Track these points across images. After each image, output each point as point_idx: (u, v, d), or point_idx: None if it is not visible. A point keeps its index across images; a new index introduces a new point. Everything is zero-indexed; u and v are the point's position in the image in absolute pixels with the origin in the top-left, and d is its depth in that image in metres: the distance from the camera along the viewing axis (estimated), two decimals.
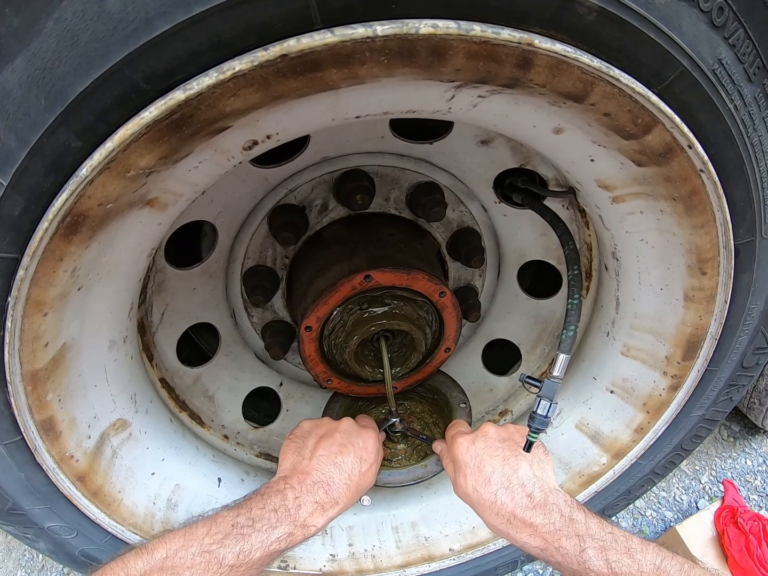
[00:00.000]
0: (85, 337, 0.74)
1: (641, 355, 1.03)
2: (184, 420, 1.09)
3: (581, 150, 0.73)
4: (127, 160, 0.47)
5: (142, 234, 0.65)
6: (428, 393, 1.11)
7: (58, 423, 0.78)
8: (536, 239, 1.11)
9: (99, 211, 0.53)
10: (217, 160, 0.57)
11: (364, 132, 0.93)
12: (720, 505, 1.43)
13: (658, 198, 0.78)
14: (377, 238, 1.00)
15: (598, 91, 0.58)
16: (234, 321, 1.12)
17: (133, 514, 0.95)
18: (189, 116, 0.44)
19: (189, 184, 0.60)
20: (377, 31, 0.40)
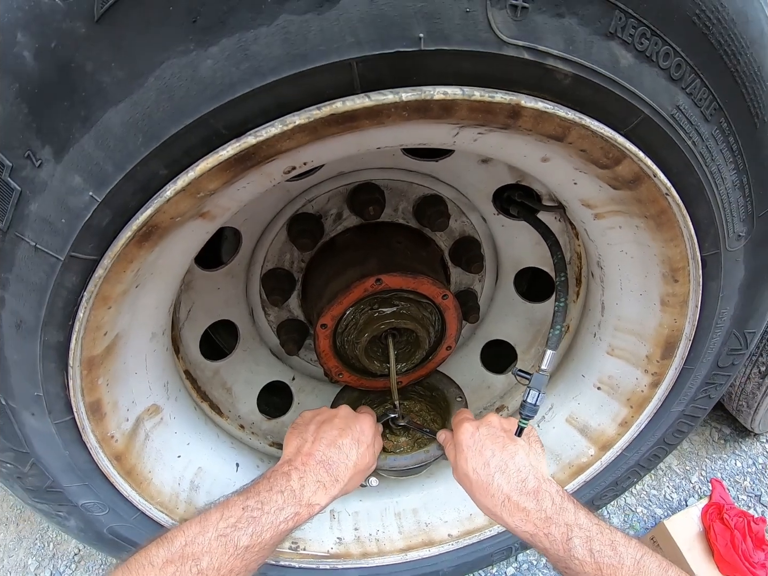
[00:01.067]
0: (133, 329, 0.90)
1: (625, 354, 1.19)
2: (205, 409, 1.25)
3: (565, 175, 0.90)
4: (200, 184, 0.64)
5: (192, 240, 0.81)
6: (426, 391, 1.27)
7: (104, 405, 0.93)
8: (531, 248, 1.27)
9: (169, 223, 0.69)
10: (262, 182, 0.73)
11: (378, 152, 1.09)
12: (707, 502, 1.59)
13: (633, 215, 0.95)
14: (387, 245, 1.16)
15: (575, 134, 0.74)
16: (252, 319, 1.28)
17: (160, 493, 1.10)
18: (252, 153, 0.61)
19: (236, 200, 0.76)
20: (402, 97, 0.56)
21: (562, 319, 1.00)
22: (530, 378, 1.00)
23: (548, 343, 1.00)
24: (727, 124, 0.85)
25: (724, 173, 0.90)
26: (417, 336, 1.13)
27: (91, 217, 0.66)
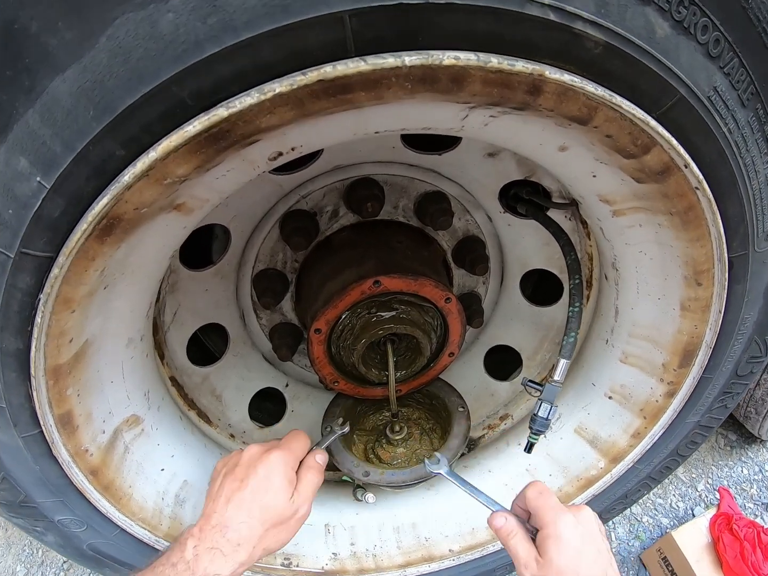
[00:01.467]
0: (106, 334, 0.78)
1: (639, 362, 1.07)
2: (192, 418, 1.13)
3: (584, 166, 0.78)
4: (166, 169, 0.52)
5: (167, 236, 0.69)
6: (425, 399, 1.15)
7: (75, 417, 0.82)
8: (539, 249, 1.16)
9: (133, 215, 0.57)
10: (243, 169, 0.61)
11: (376, 142, 0.97)
12: (715, 512, 1.47)
13: (656, 213, 0.83)
14: (386, 245, 1.04)
15: (601, 116, 0.63)
16: (243, 322, 1.16)
17: (142, 509, 0.98)
18: (227, 130, 0.49)
19: (215, 191, 0.64)
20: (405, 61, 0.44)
21: (577, 325, 0.88)
22: (542, 389, 0.88)
23: (561, 352, 0.88)
24: (763, 111, 0.74)
25: (758, 166, 0.78)
26: (418, 342, 1.01)
27: (41, 206, 0.55)
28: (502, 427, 1.27)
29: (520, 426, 1.24)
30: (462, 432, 1.03)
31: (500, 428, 1.27)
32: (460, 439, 1.01)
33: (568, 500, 1.19)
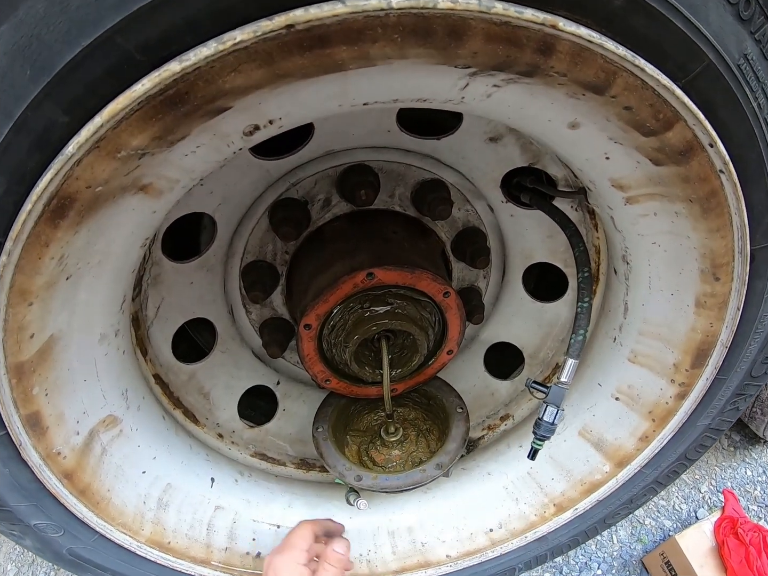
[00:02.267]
0: (74, 330, 0.70)
1: (648, 361, 0.99)
2: (177, 417, 1.05)
3: (597, 147, 0.70)
4: (118, 139, 0.44)
5: (135, 222, 0.61)
6: (423, 399, 1.07)
7: (44, 418, 0.74)
8: (543, 241, 1.07)
9: (88, 195, 0.49)
10: (215, 146, 0.53)
11: (370, 125, 0.89)
12: (720, 515, 1.39)
13: (674, 200, 0.74)
14: (380, 236, 0.96)
15: (621, 82, 0.54)
16: (232, 317, 1.08)
17: (122, 514, 0.91)
18: (185, 92, 0.40)
19: (186, 171, 0.56)
20: (392, 3, 0.36)
21: (587, 322, 0.80)
22: (547, 391, 0.80)
23: (569, 351, 0.80)
24: None
25: None
26: (414, 339, 0.93)
27: None
28: (503, 427, 1.19)
29: (522, 427, 1.16)
30: (460, 434, 0.95)
31: (500, 429, 1.19)
32: (458, 442, 0.94)
33: (572, 505, 1.11)
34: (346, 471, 0.93)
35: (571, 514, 1.11)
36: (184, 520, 0.99)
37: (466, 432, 0.95)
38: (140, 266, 0.93)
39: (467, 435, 0.95)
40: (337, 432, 0.99)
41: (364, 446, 1.03)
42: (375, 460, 1.00)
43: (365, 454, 1.01)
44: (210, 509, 1.01)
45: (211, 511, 1.02)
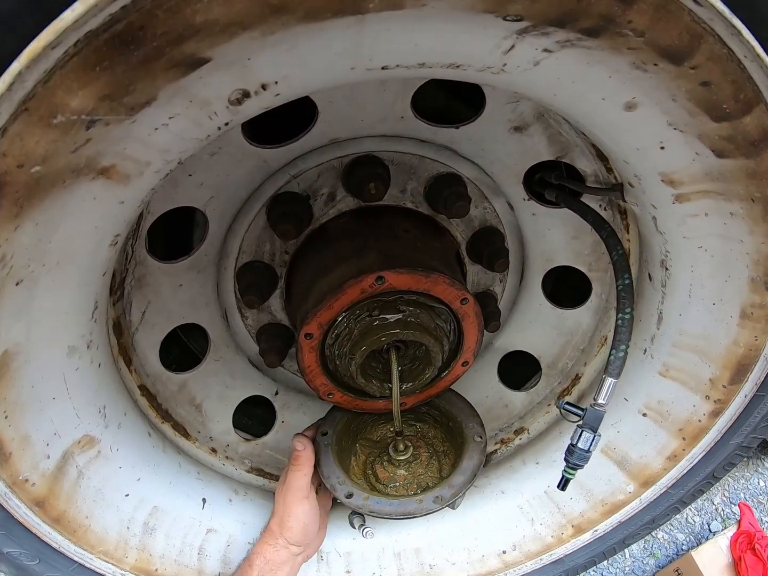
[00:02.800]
0: (35, 342, 0.57)
1: (682, 376, 0.86)
2: (166, 432, 0.92)
3: (653, 134, 0.56)
4: (52, 97, 0.30)
5: (98, 214, 0.47)
6: (443, 418, 0.93)
7: (5, 443, 0.61)
8: (567, 243, 0.94)
9: (23, 177, 0.36)
10: (193, 117, 0.39)
11: (382, 110, 0.75)
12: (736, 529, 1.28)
13: (732, 198, 0.61)
14: (391, 235, 0.82)
15: (705, 50, 0.41)
16: (226, 322, 0.95)
17: (103, 541, 0.78)
18: (139, 26, 0.27)
19: (157, 150, 0.42)
20: None
21: (628, 336, 0.67)
22: (582, 414, 0.67)
23: (608, 369, 0.67)
24: None
25: None
26: (427, 350, 0.80)
27: None
28: (517, 442, 1.07)
29: (538, 442, 1.04)
30: (471, 468, 0.81)
31: (515, 443, 1.06)
32: (467, 476, 0.80)
33: (591, 527, 0.99)
34: (339, 485, 0.80)
35: (590, 535, 0.99)
36: (173, 545, 0.86)
37: (478, 466, 0.82)
38: (122, 267, 0.79)
39: (478, 469, 0.82)
40: (345, 439, 0.86)
41: (371, 459, 0.90)
42: (378, 476, 0.86)
43: (370, 468, 0.88)
44: (201, 532, 0.88)
45: (203, 535, 0.89)
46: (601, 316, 1.00)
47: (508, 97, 0.75)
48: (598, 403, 0.68)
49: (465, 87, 0.80)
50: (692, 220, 0.68)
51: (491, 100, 0.75)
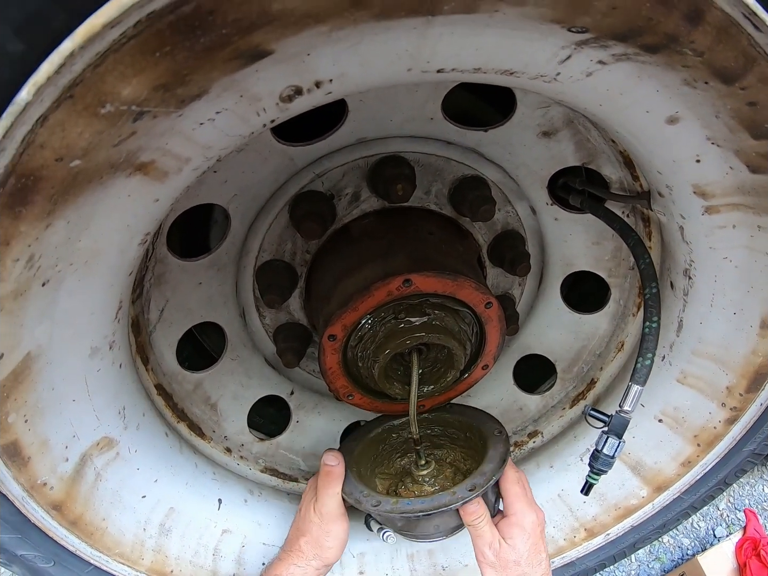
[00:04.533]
0: (58, 344, 0.53)
1: (699, 383, 0.85)
2: (182, 431, 0.89)
3: (690, 147, 0.54)
4: (102, 84, 0.27)
5: (132, 213, 0.44)
6: (459, 433, 0.89)
7: (24, 447, 0.58)
8: (587, 248, 0.92)
9: (61, 172, 0.32)
10: (241, 112, 0.36)
11: (412, 111, 0.72)
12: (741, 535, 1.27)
13: (762, 212, 0.60)
14: (416, 237, 0.80)
15: (757, 72, 0.39)
16: (243, 321, 0.91)
17: (119, 543, 0.75)
18: (209, 11, 0.24)
19: (199, 146, 0.39)
20: None
21: (655, 345, 0.65)
22: (608, 420, 0.65)
23: (635, 377, 0.65)
24: None
25: None
26: (451, 353, 0.78)
27: None
28: (531, 445, 1.05)
29: (552, 446, 1.02)
30: (498, 455, 0.78)
31: (528, 446, 1.05)
32: (495, 463, 0.77)
33: (604, 530, 0.97)
34: (364, 497, 0.76)
35: (603, 539, 0.97)
36: (189, 546, 0.83)
37: (505, 452, 0.79)
38: (142, 264, 0.76)
39: (507, 455, 0.79)
40: (364, 468, 0.83)
41: (392, 488, 0.86)
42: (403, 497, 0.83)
43: (393, 494, 0.84)
44: (217, 533, 0.86)
45: (218, 535, 0.86)
46: (619, 322, 0.98)
47: (539, 102, 0.73)
48: (624, 409, 0.66)
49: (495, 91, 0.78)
50: (720, 231, 0.66)
51: (522, 104, 0.73)
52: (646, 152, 0.60)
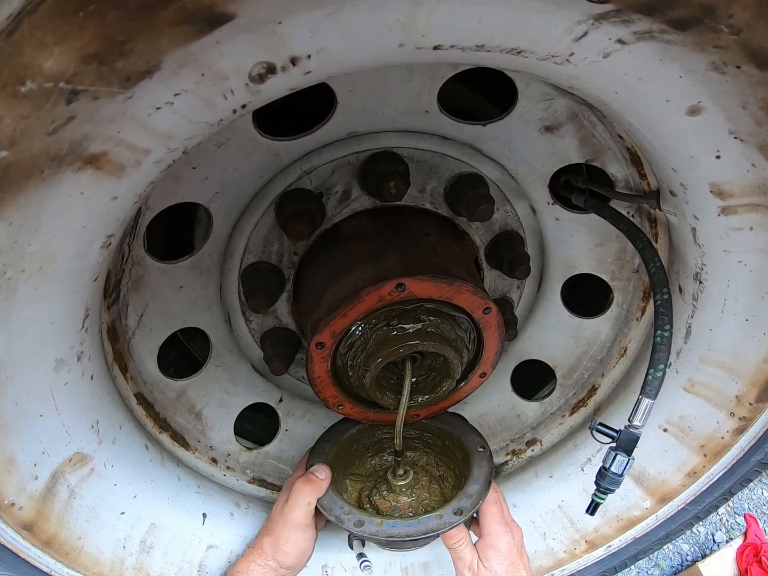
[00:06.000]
0: (17, 358, 0.48)
1: (707, 392, 0.80)
2: (164, 442, 0.83)
3: (711, 141, 0.49)
4: (18, 57, 0.21)
5: (86, 212, 0.38)
6: (436, 439, 0.84)
7: None
8: (590, 249, 0.87)
9: None
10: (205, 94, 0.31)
11: (406, 103, 0.67)
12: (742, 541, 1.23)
13: None
14: (410, 238, 0.74)
15: None
16: (228, 326, 0.86)
17: (97, 562, 0.70)
18: None
19: (158, 135, 0.34)
20: None
21: (667, 355, 0.60)
22: (617, 436, 0.61)
23: (645, 389, 0.61)
24: None
25: None
26: (447, 362, 0.73)
27: None
28: (529, 453, 1.00)
29: (552, 455, 0.97)
30: (483, 475, 0.74)
31: (526, 455, 1.00)
32: (481, 484, 0.73)
33: (605, 542, 0.93)
34: (345, 515, 0.71)
35: (604, 551, 0.93)
36: (172, 562, 0.78)
37: (489, 473, 0.75)
38: (118, 267, 0.70)
39: (491, 476, 0.75)
40: (336, 473, 0.78)
41: (365, 492, 0.81)
42: (379, 508, 0.77)
43: (367, 501, 0.79)
44: (201, 549, 0.80)
45: (203, 551, 0.81)
46: (622, 327, 0.93)
47: (542, 94, 0.67)
48: (633, 424, 0.61)
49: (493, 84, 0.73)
50: (735, 233, 0.61)
51: (524, 96, 0.68)
52: (662, 147, 0.55)
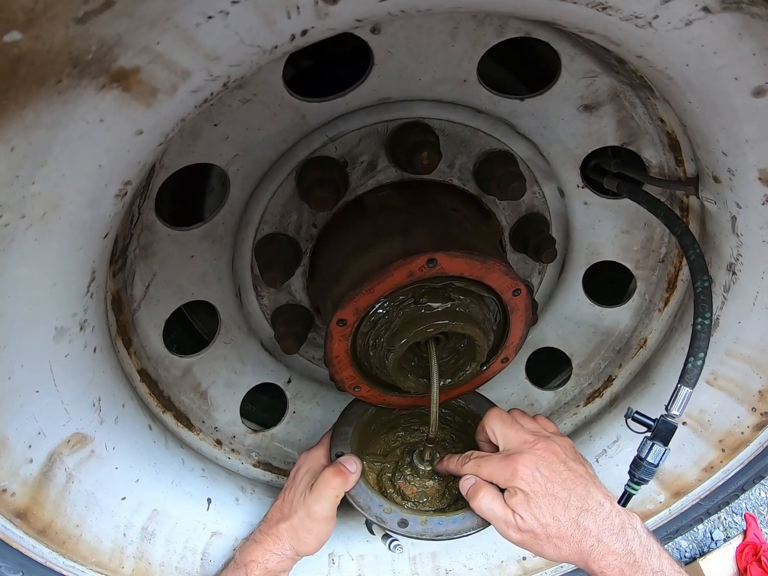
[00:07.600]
0: (12, 324, 0.42)
1: (729, 386, 0.78)
2: (168, 422, 0.78)
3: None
4: None
5: (104, 146, 0.32)
6: (456, 417, 0.80)
7: None
8: (616, 236, 0.83)
9: None
10: (266, 7, 0.26)
11: (445, 70, 0.62)
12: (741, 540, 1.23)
13: None
14: (439, 213, 0.70)
15: None
16: (239, 301, 0.80)
17: (96, 551, 0.65)
18: None
19: (203, 54, 0.28)
20: None
21: (707, 343, 0.57)
22: (654, 425, 0.58)
23: (684, 378, 0.58)
24: None
25: None
26: (472, 344, 0.69)
27: None
28: None
29: None
30: None
31: None
32: None
33: None
34: (385, 514, 0.65)
35: None
36: (174, 550, 0.73)
37: None
38: (126, 231, 0.64)
39: None
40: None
41: (386, 474, 0.76)
42: (405, 493, 0.73)
43: (390, 485, 0.74)
44: (205, 536, 0.75)
45: (207, 538, 0.76)
46: (643, 317, 0.90)
47: (585, 71, 0.63)
48: (671, 413, 0.58)
49: (534, 56, 0.69)
50: None
51: (567, 72, 0.63)
52: (718, 128, 0.51)
